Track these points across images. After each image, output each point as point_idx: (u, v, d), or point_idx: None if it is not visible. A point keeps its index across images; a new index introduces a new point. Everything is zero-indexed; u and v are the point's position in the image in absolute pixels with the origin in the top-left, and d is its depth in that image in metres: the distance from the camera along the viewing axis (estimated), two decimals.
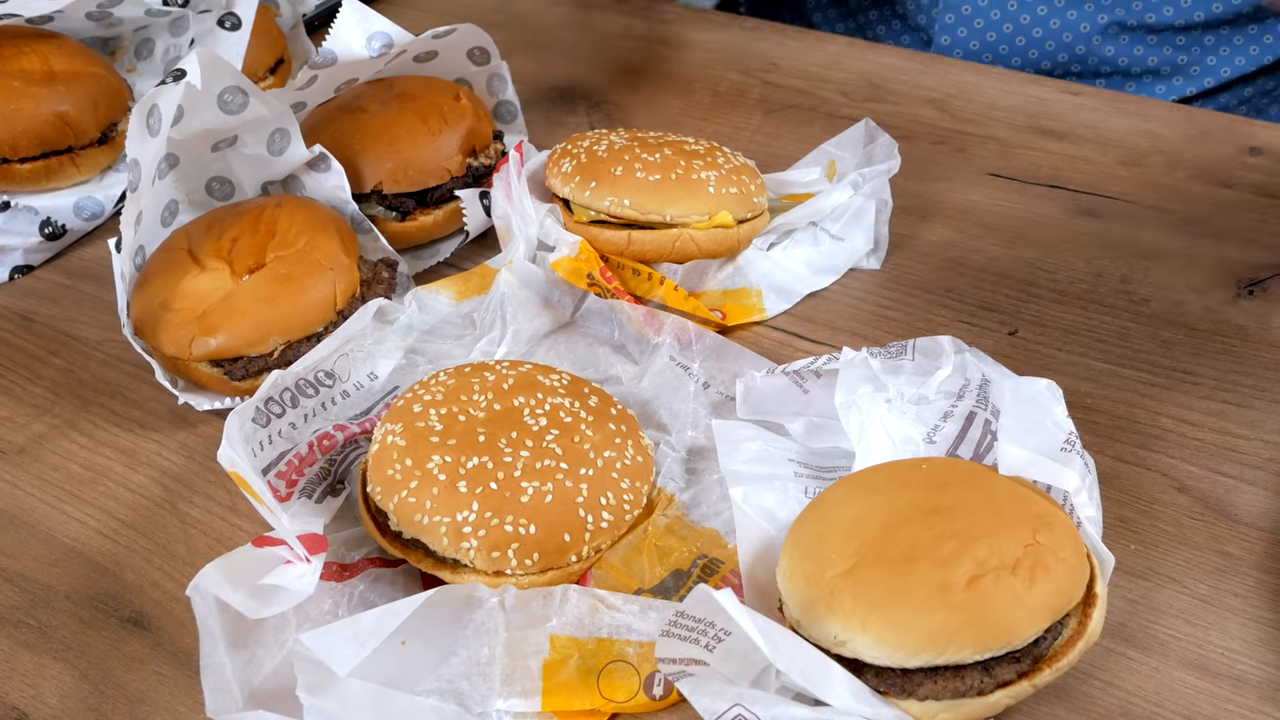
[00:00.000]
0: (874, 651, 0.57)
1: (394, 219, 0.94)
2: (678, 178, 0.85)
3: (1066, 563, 0.59)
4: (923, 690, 0.58)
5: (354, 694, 0.59)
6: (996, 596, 0.57)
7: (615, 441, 0.72)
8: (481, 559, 0.66)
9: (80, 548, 0.74)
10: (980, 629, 0.56)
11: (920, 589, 0.57)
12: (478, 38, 0.99)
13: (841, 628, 0.58)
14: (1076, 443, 0.65)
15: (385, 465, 0.69)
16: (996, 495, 0.62)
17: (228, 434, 0.69)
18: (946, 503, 0.62)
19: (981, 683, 0.58)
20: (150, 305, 0.82)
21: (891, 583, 0.58)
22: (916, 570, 0.58)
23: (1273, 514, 0.72)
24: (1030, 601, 0.57)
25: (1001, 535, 0.59)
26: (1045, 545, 0.59)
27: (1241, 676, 0.64)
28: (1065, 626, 0.60)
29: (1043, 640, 0.59)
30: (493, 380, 0.74)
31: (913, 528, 0.60)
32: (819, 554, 0.61)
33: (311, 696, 0.58)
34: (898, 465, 0.67)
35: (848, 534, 0.61)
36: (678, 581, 0.69)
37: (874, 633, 0.57)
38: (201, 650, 0.62)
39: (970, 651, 0.57)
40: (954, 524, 0.60)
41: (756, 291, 0.88)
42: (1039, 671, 0.58)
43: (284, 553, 0.67)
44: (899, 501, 0.62)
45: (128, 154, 0.80)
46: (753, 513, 0.70)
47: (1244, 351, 0.83)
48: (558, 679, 0.63)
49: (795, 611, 0.61)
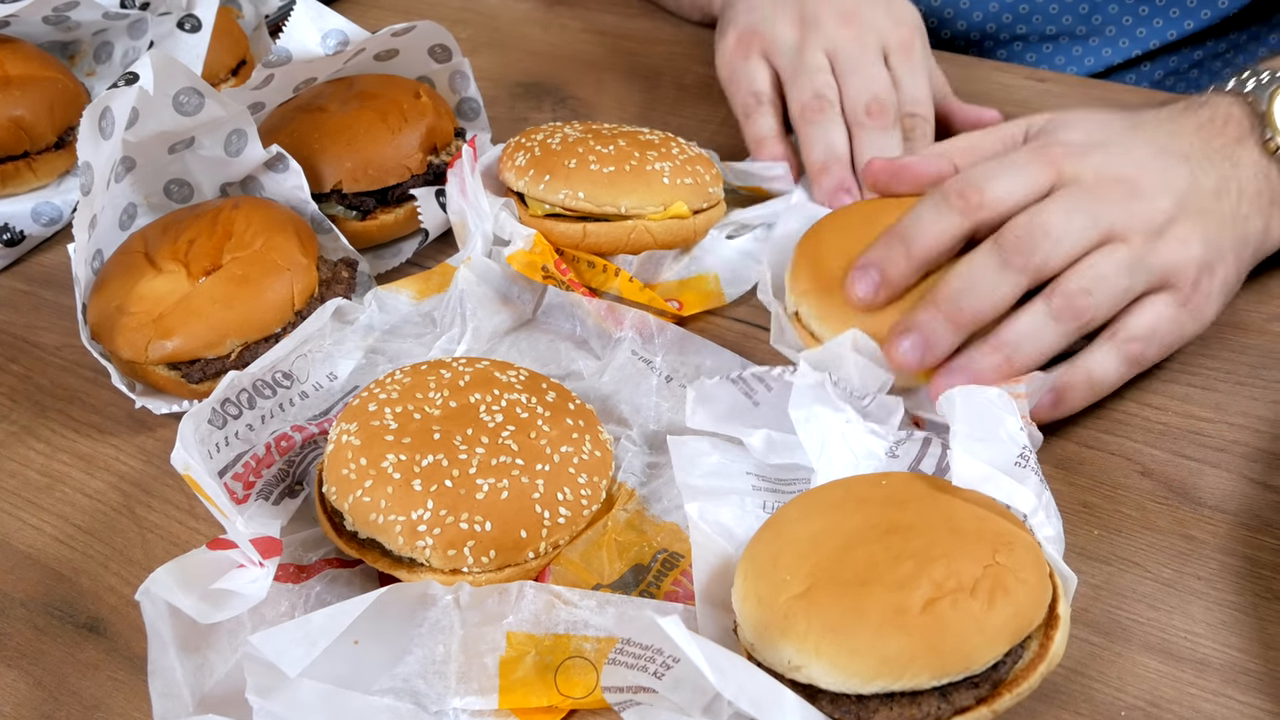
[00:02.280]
0: (828, 677, 0.56)
1: (354, 218, 0.93)
2: (632, 169, 0.84)
3: (1027, 584, 0.57)
4: (878, 717, 0.56)
5: (306, 696, 0.58)
6: (954, 620, 0.55)
7: (573, 437, 0.71)
8: (437, 557, 0.66)
9: (36, 554, 0.74)
10: (937, 654, 0.55)
11: (875, 612, 0.56)
12: (438, 35, 0.99)
13: (795, 652, 0.57)
14: (1031, 458, 0.64)
15: (340, 465, 0.69)
16: (956, 513, 0.61)
17: (181, 436, 0.69)
18: (904, 521, 0.60)
19: (939, 709, 0.56)
20: (106, 309, 0.82)
21: (846, 606, 0.56)
22: (872, 593, 0.56)
23: (1236, 497, 0.71)
24: (989, 625, 0.55)
25: (960, 555, 0.57)
26: (1005, 566, 0.57)
27: (1204, 660, 0.63)
28: (1026, 649, 0.58)
29: (1002, 664, 0.57)
30: (449, 377, 0.73)
31: (869, 548, 0.59)
32: (773, 576, 0.60)
33: (261, 699, 0.57)
34: (857, 481, 0.66)
35: (803, 554, 0.60)
36: (638, 576, 0.68)
37: (828, 658, 0.56)
38: (150, 655, 0.62)
39: (927, 677, 0.55)
40: (911, 543, 0.58)
41: (713, 276, 0.87)
42: (998, 697, 0.56)
43: (238, 556, 0.67)
44: (856, 520, 0.61)
45: (80, 157, 0.80)
46: (709, 529, 0.67)
47: (1209, 334, 0.82)
48: (515, 676, 0.62)
49: (750, 635, 0.60)
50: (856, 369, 0.73)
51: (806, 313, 0.78)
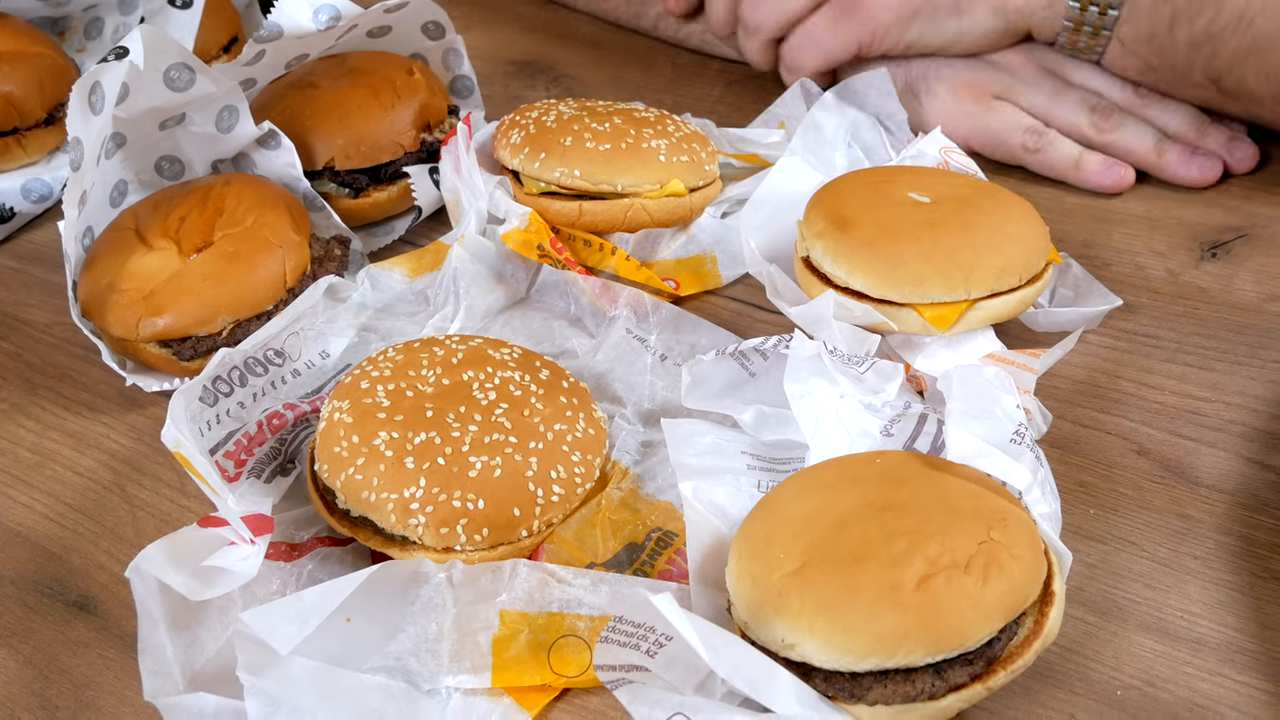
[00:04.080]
0: (822, 654, 0.55)
1: (347, 196, 0.92)
2: (628, 147, 0.84)
3: (1021, 560, 0.57)
4: (872, 694, 0.56)
5: (297, 673, 0.58)
6: (948, 597, 0.55)
7: (566, 415, 0.70)
8: (430, 535, 0.65)
9: (26, 533, 0.73)
10: (931, 631, 0.54)
11: (869, 589, 0.55)
12: (431, 12, 0.98)
13: (789, 630, 0.56)
14: (1027, 435, 0.64)
15: (332, 442, 0.68)
16: (951, 491, 0.60)
17: (172, 413, 0.68)
18: (899, 499, 0.60)
19: (933, 686, 0.56)
20: (97, 286, 0.81)
21: (840, 583, 0.56)
22: (866, 570, 0.56)
23: (1233, 476, 0.71)
24: (983, 602, 0.55)
25: (955, 532, 0.57)
26: (1000, 542, 0.57)
27: (1200, 639, 0.63)
28: (1021, 626, 0.57)
29: (997, 641, 0.56)
30: (442, 355, 0.72)
31: (863, 525, 0.58)
32: (767, 554, 0.59)
33: (252, 677, 0.57)
34: (851, 460, 0.65)
35: (796, 533, 0.59)
36: (631, 555, 0.68)
37: (822, 635, 0.55)
38: (140, 632, 0.61)
39: (921, 654, 0.55)
40: (906, 521, 0.58)
41: (710, 258, 0.87)
42: (993, 674, 0.56)
43: (228, 533, 0.66)
44: (850, 498, 0.60)
45: (69, 132, 0.79)
46: (703, 509, 0.67)
47: (1206, 314, 0.82)
48: (508, 654, 0.62)
49: (743, 613, 0.59)
50: (842, 335, 0.74)
51: (820, 253, 0.78)
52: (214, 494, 0.66)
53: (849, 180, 0.83)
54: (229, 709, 0.59)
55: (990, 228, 0.76)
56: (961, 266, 0.74)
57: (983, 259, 0.74)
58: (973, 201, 0.78)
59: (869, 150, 0.94)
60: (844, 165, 0.92)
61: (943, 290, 0.74)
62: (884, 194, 0.80)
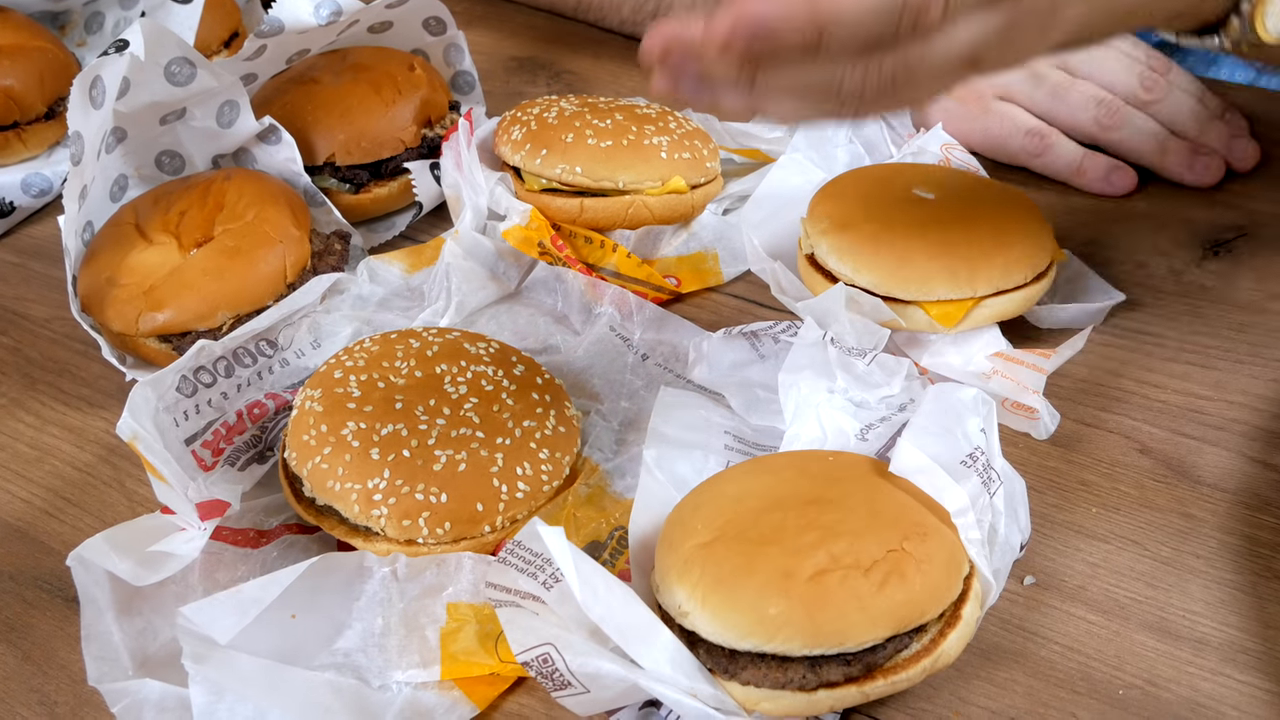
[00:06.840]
0: (708, 627, 0.56)
1: (347, 191, 0.92)
2: (629, 143, 0.84)
3: (927, 576, 0.56)
4: (746, 674, 0.56)
5: (246, 668, 0.58)
6: (837, 594, 0.55)
7: (537, 411, 0.71)
8: (392, 527, 0.65)
9: (25, 527, 0.73)
10: (812, 624, 0.55)
11: (763, 573, 0.56)
12: (433, 7, 0.98)
13: (686, 598, 0.57)
14: (980, 459, 0.62)
15: (301, 431, 0.69)
16: (881, 497, 0.60)
17: (131, 405, 0.68)
18: (829, 495, 0.60)
19: (804, 678, 0.56)
20: (97, 281, 0.81)
21: (738, 561, 0.57)
22: (766, 554, 0.57)
23: (1236, 475, 0.71)
24: (873, 606, 0.55)
25: (868, 536, 0.57)
26: (910, 554, 0.56)
27: (1203, 639, 0.63)
28: (915, 641, 0.57)
29: (881, 649, 0.56)
30: (417, 347, 0.73)
31: (784, 513, 0.59)
32: (688, 523, 0.60)
33: (198, 665, 0.57)
34: (808, 455, 0.66)
35: (721, 509, 0.60)
36: (594, 553, 0.67)
37: (711, 608, 0.56)
38: (83, 620, 0.62)
39: (798, 645, 0.55)
40: (825, 516, 0.58)
41: (712, 255, 0.87)
42: (871, 680, 0.56)
43: (179, 520, 0.67)
44: (785, 488, 0.61)
45: (70, 127, 0.79)
46: (661, 477, 0.67)
47: (1209, 312, 0.82)
48: (456, 647, 0.62)
49: (656, 577, 0.60)
50: (851, 326, 0.74)
51: (825, 250, 0.78)
52: (160, 482, 0.67)
53: (852, 177, 0.83)
54: (174, 695, 0.59)
55: (994, 225, 0.76)
56: (967, 264, 0.74)
57: (988, 256, 0.74)
58: (976, 198, 0.78)
59: (870, 146, 0.94)
60: (846, 161, 0.92)
61: (949, 288, 0.74)
62: (888, 191, 0.80)
